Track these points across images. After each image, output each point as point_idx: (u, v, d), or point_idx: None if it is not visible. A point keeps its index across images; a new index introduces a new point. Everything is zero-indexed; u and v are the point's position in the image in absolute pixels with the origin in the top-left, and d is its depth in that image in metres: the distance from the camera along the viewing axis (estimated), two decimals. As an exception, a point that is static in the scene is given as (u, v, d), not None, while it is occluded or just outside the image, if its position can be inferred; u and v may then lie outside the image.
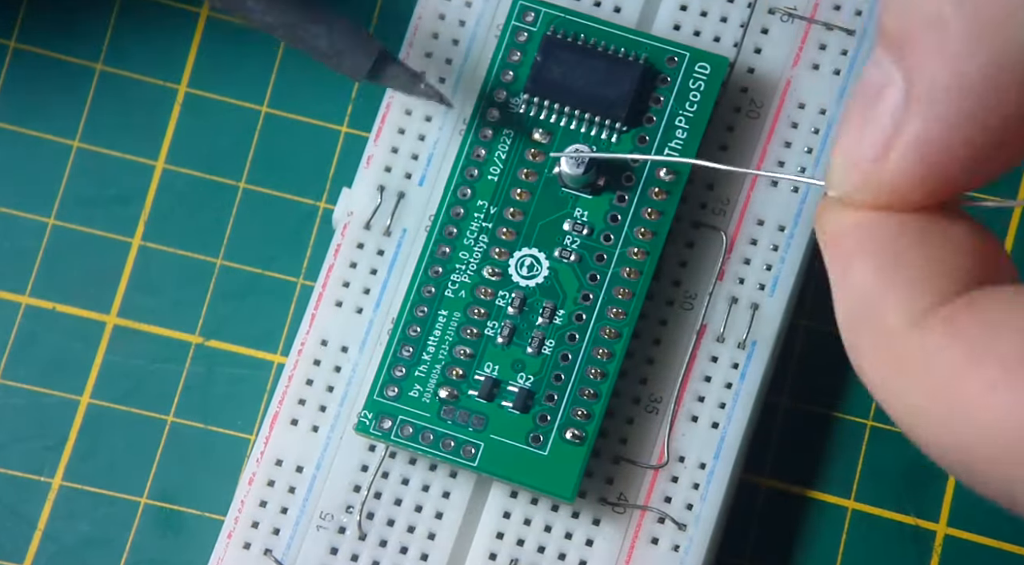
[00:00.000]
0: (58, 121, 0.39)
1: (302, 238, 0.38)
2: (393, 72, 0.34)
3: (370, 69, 0.34)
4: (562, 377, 0.35)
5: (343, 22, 0.34)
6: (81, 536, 0.37)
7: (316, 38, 0.33)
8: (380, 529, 0.35)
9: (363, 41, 0.34)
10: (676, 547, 0.35)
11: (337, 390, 0.36)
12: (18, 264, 0.38)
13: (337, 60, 0.34)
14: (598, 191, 0.36)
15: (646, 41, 0.36)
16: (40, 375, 0.38)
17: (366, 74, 0.34)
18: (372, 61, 0.34)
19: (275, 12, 0.33)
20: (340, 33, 0.34)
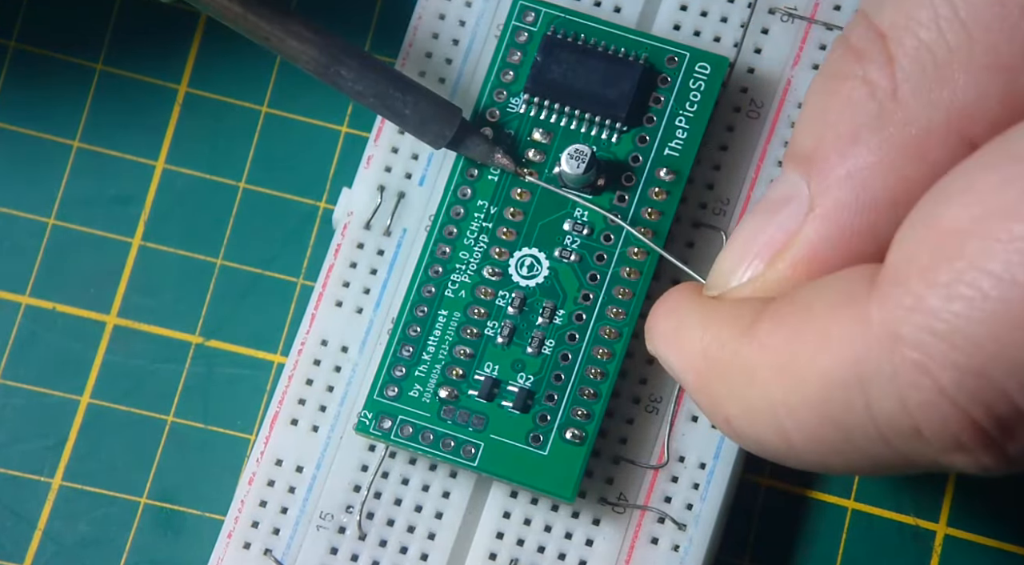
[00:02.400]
0: (58, 121, 0.39)
1: (302, 238, 0.38)
2: (472, 141, 0.35)
3: (452, 138, 0.35)
4: (562, 377, 0.35)
5: (428, 93, 0.35)
6: (81, 536, 0.37)
7: (403, 106, 0.35)
8: (380, 529, 0.35)
9: (446, 111, 0.35)
10: (676, 547, 0.35)
11: (337, 390, 0.36)
12: (18, 264, 0.38)
13: (421, 128, 0.35)
14: (598, 191, 0.36)
15: (646, 41, 0.36)
16: (40, 375, 0.38)
17: (448, 142, 0.35)
18: (454, 131, 0.35)
19: (365, 82, 0.34)
20: (425, 103, 0.35)
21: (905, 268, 0.26)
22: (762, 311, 0.28)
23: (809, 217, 0.29)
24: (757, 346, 0.28)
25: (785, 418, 0.27)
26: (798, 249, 0.29)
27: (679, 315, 0.30)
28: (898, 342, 0.25)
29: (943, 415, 0.25)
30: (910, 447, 0.26)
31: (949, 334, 0.25)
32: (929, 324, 0.25)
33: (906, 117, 0.28)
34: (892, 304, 0.25)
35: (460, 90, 0.37)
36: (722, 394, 0.29)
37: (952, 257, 0.25)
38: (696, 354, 0.29)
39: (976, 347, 0.25)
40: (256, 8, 0.34)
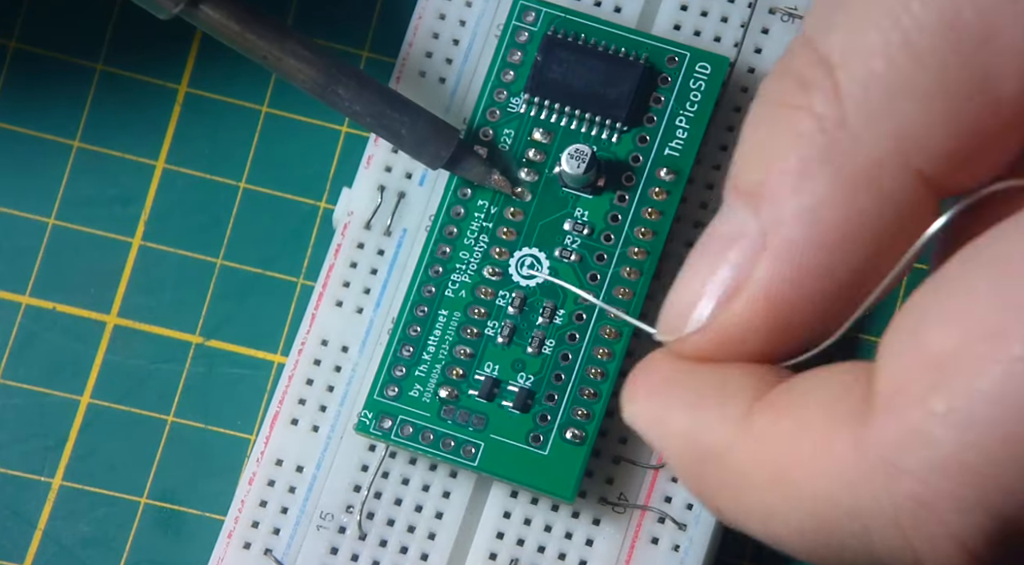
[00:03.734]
0: (58, 121, 0.39)
1: (302, 238, 0.38)
2: (469, 162, 0.35)
3: (448, 159, 0.35)
4: (562, 377, 0.35)
5: (425, 113, 0.35)
6: (81, 536, 0.37)
7: (399, 127, 0.35)
8: (380, 529, 0.35)
9: (443, 132, 0.35)
10: (676, 547, 0.35)
11: (337, 390, 0.36)
12: (18, 264, 0.38)
13: (418, 149, 0.35)
14: (598, 191, 0.36)
15: (646, 41, 0.36)
16: (40, 375, 0.38)
17: (444, 163, 0.35)
18: (451, 152, 0.35)
19: (363, 102, 0.34)
20: (422, 123, 0.35)
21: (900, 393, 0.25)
22: (755, 401, 0.27)
23: (762, 256, 0.27)
24: (752, 445, 0.27)
25: (777, 524, 0.27)
26: (753, 290, 0.27)
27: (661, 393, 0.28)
28: (898, 474, 0.24)
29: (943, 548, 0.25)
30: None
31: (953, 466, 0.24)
32: (931, 456, 0.24)
33: (855, 148, 0.27)
34: (890, 432, 0.24)
35: (460, 90, 0.37)
36: (714, 486, 0.27)
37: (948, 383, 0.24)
38: (682, 440, 0.28)
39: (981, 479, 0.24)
40: (253, 27, 0.34)
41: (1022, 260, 0.24)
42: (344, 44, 0.39)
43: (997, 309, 0.24)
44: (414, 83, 0.37)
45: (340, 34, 0.39)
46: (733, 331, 0.28)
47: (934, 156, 0.27)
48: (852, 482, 0.25)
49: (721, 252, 0.28)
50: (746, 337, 0.28)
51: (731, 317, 0.27)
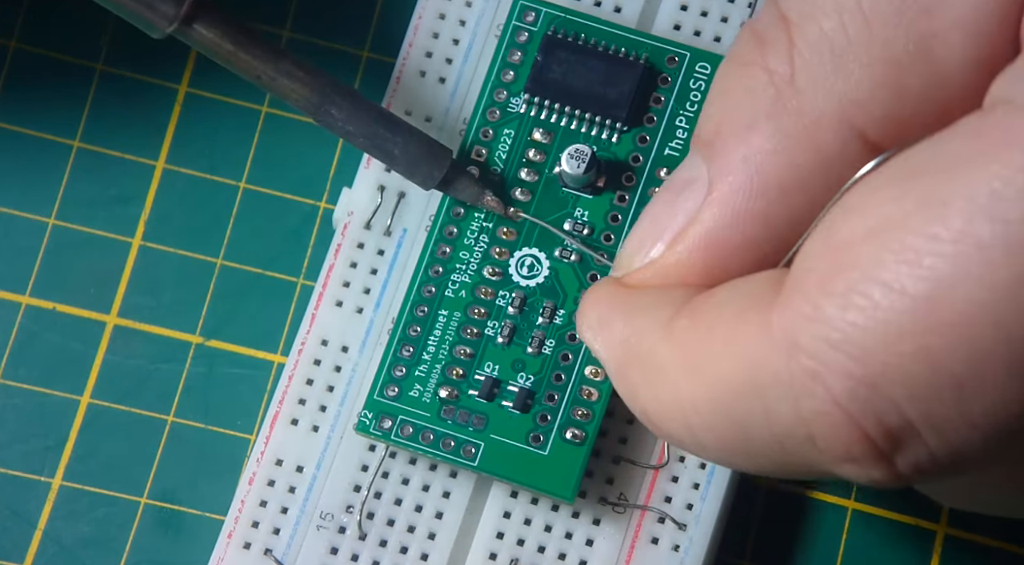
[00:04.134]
0: (58, 121, 0.39)
1: (302, 238, 0.38)
2: (462, 183, 0.35)
3: (441, 179, 0.35)
4: (562, 377, 0.35)
5: (418, 133, 0.35)
6: (81, 536, 0.37)
7: (392, 147, 0.35)
8: (380, 529, 0.35)
9: (436, 152, 0.35)
10: (676, 547, 0.35)
11: (337, 390, 0.36)
12: (18, 264, 0.38)
13: (411, 169, 0.35)
14: (599, 191, 0.36)
15: (646, 41, 0.36)
16: (40, 375, 0.38)
17: (437, 184, 0.35)
18: (444, 172, 0.35)
19: (356, 122, 0.34)
20: (415, 144, 0.35)
21: (805, 277, 0.26)
22: (681, 307, 0.29)
23: (707, 200, 0.29)
24: (671, 343, 0.28)
25: (692, 416, 0.28)
26: (695, 232, 0.29)
27: (606, 305, 0.30)
28: (795, 350, 0.26)
29: (834, 425, 0.26)
30: (805, 454, 0.27)
31: (842, 343, 0.25)
32: (824, 333, 0.25)
33: (801, 105, 0.28)
34: (791, 312, 0.26)
35: (460, 90, 0.37)
36: (638, 386, 0.29)
37: (848, 267, 0.25)
38: (617, 344, 0.30)
39: (868, 356, 0.25)
40: (247, 47, 0.34)
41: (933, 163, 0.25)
42: (344, 44, 0.39)
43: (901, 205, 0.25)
44: (414, 83, 0.37)
45: (340, 34, 0.39)
46: (674, 268, 0.30)
47: (876, 119, 0.28)
48: (756, 361, 0.26)
49: (674, 196, 0.30)
50: (685, 275, 0.30)
51: (674, 255, 0.30)
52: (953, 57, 0.27)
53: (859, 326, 0.25)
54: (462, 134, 0.36)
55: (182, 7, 0.33)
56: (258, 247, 0.38)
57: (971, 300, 0.24)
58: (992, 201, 0.24)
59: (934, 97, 0.28)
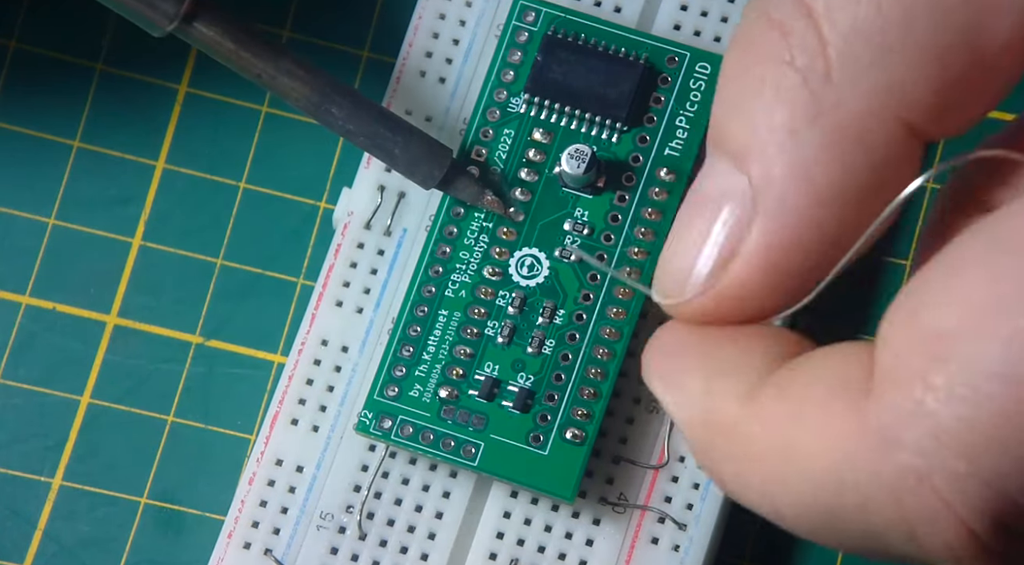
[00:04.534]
0: (58, 121, 0.39)
1: (302, 238, 0.38)
2: (462, 182, 0.35)
3: (441, 179, 0.35)
4: (562, 377, 0.35)
5: (418, 133, 0.35)
6: (81, 536, 0.37)
7: (393, 146, 0.35)
8: (380, 529, 0.35)
9: (436, 152, 0.35)
10: (676, 547, 0.35)
11: (337, 390, 0.36)
12: (18, 264, 0.38)
13: (411, 168, 0.35)
14: (599, 191, 0.36)
15: (646, 41, 0.36)
16: (40, 375, 0.38)
17: (437, 183, 0.35)
18: (444, 171, 0.35)
19: (356, 121, 0.34)
20: (415, 143, 0.35)
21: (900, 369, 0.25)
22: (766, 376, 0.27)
23: (755, 216, 0.27)
24: (757, 420, 0.27)
25: (779, 497, 0.27)
26: (750, 250, 0.27)
27: (680, 359, 0.28)
28: (897, 447, 0.24)
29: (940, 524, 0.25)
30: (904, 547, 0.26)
31: (950, 439, 0.24)
32: (929, 429, 0.24)
33: (841, 102, 0.26)
34: (889, 406, 0.25)
35: (460, 90, 0.37)
36: (720, 457, 0.28)
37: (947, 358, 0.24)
38: (696, 409, 0.28)
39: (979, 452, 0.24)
40: (248, 45, 0.34)
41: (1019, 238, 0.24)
42: (344, 44, 0.39)
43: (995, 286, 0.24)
44: (414, 83, 0.37)
45: (340, 34, 0.39)
46: (733, 292, 0.28)
47: (920, 108, 0.26)
48: (852, 456, 0.25)
49: (712, 212, 0.28)
50: (745, 296, 0.28)
51: (730, 279, 0.28)
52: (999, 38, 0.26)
53: (966, 419, 0.24)
54: (462, 134, 0.36)
55: (183, 5, 0.33)
56: (258, 247, 0.38)
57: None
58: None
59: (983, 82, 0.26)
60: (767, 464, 0.26)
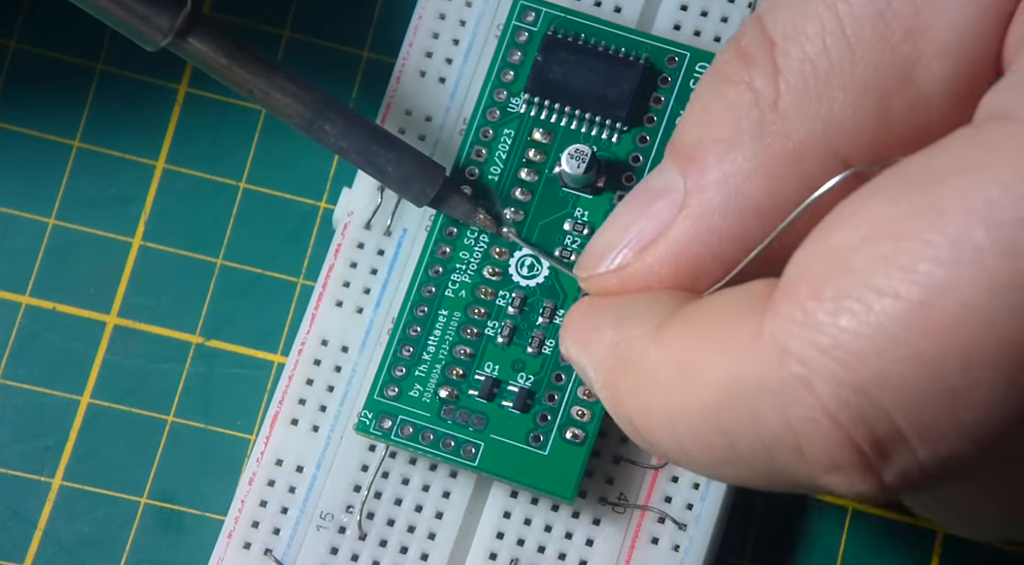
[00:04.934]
0: (58, 121, 0.39)
1: (302, 238, 0.38)
2: (454, 201, 0.35)
3: (434, 197, 0.35)
4: (562, 377, 0.35)
5: (411, 150, 0.35)
6: (81, 536, 0.37)
7: (385, 164, 0.35)
8: (380, 529, 0.35)
9: (429, 169, 0.35)
10: (676, 547, 0.35)
11: (337, 390, 0.36)
12: (18, 264, 0.38)
13: (404, 186, 0.35)
14: (599, 191, 0.36)
15: (646, 41, 0.36)
16: (40, 375, 0.38)
17: (429, 201, 0.35)
18: (436, 189, 0.35)
19: (349, 138, 0.34)
20: (408, 160, 0.35)
21: (796, 283, 0.26)
22: (673, 313, 0.28)
23: (680, 215, 0.29)
24: (661, 349, 0.28)
25: (679, 423, 0.28)
26: (666, 245, 0.29)
27: (594, 315, 0.30)
28: (785, 356, 0.25)
29: (822, 433, 0.25)
30: (792, 465, 0.26)
31: (833, 348, 0.25)
32: (815, 338, 0.25)
33: (785, 129, 0.28)
34: (781, 318, 0.26)
35: (460, 90, 0.37)
36: (625, 392, 0.29)
37: (840, 273, 0.25)
38: (605, 351, 0.29)
39: (859, 362, 0.25)
40: (241, 61, 0.34)
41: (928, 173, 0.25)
42: (344, 44, 0.39)
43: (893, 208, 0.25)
44: (414, 83, 0.37)
45: (340, 34, 0.39)
46: (642, 279, 0.30)
47: (859, 145, 0.28)
48: (745, 369, 0.26)
49: (646, 204, 0.30)
50: (652, 284, 0.29)
51: (642, 266, 0.29)
52: (936, 81, 0.27)
53: (850, 331, 0.25)
54: (462, 134, 0.36)
55: (177, 20, 0.33)
56: (258, 247, 0.38)
57: (966, 304, 0.24)
58: (988, 207, 0.24)
59: (917, 121, 0.28)
60: (669, 389, 0.28)
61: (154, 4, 0.33)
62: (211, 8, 0.39)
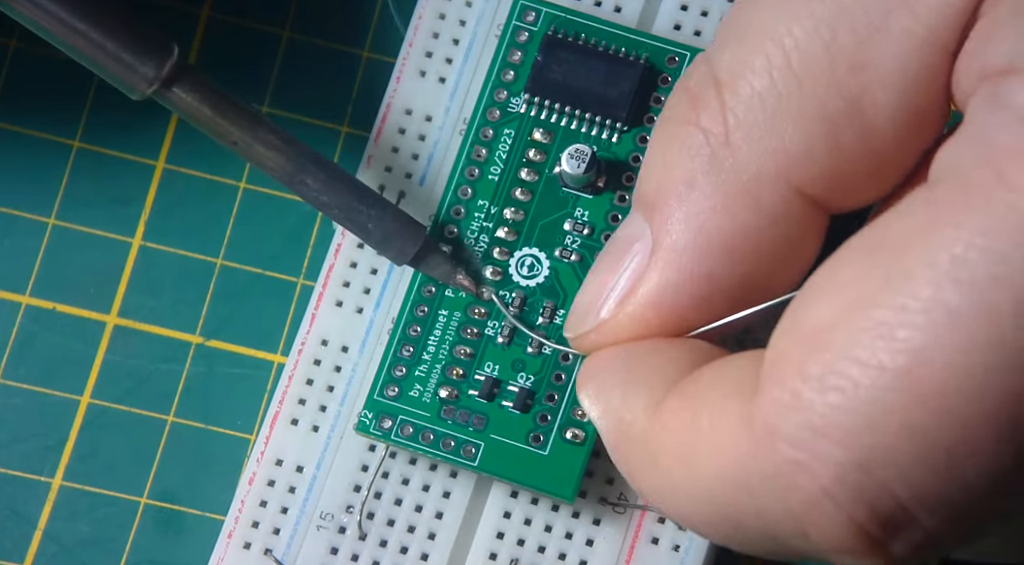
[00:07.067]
0: (58, 121, 0.39)
1: (302, 238, 0.38)
2: (434, 261, 0.35)
3: (413, 255, 0.35)
4: (562, 377, 0.35)
5: (392, 208, 0.35)
6: (81, 536, 0.37)
7: (366, 220, 0.34)
8: (380, 529, 0.35)
9: (410, 228, 0.35)
10: (676, 547, 0.35)
11: (337, 390, 0.36)
12: (18, 264, 0.38)
13: (384, 244, 0.35)
14: (599, 191, 0.36)
15: (647, 41, 0.36)
16: (40, 375, 0.38)
17: (409, 260, 0.35)
18: (416, 248, 0.35)
19: (331, 193, 0.34)
20: (389, 218, 0.35)
21: (779, 364, 0.26)
22: (672, 385, 0.28)
23: (651, 261, 0.29)
24: (662, 428, 0.28)
25: (685, 505, 0.28)
26: (642, 294, 0.30)
27: (604, 375, 0.30)
28: (779, 441, 0.25)
29: (824, 517, 0.25)
30: (799, 546, 0.26)
31: (825, 428, 0.25)
32: (806, 419, 0.25)
33: (737, 164, 0.28)
34: (771, 402, 0.25)
35: (460, 90, 0.37)
36: (634, 467, 0.29)
37: (822, 349, 0.25)
38: (613, 422, 0.30)
39: (853, 439, 0.24)
40: (226, 112, 0.34)
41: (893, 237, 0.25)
42: (344, 44, 0.39)
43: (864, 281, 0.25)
44: (414, 83, 0.37)
45: (340, 34, 0.39)
46: (626, 329, 0.30)
47: (812, 174, 0.28)
48: (740, 456, 0.26)
49: (618, 257, 0.30)
50: (640, 331, 0.30)
51: (623, 318, 0.30)
52: (884, 113, 0.27)
53: (841, 408, 0.24)
54: (462, 133, 0.36)
55: (162, 70, 0.33)
56: (258, 247, 0.38)
57: (950, 366, 0.24)
58: (955, 266, 0.24)
59: (867, 151, 0.28)
60: (672, 470, 0.28)
61: (139, 53, 0.33)
62: (211, 8, 0.39)
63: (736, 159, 0.28)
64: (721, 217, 0.29)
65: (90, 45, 0.33)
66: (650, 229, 0.29)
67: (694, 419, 0.27)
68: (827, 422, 0.25)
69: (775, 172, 0.28)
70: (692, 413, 0.27)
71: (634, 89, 0.36)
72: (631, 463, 0.29)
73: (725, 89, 0.29)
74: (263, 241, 0.38)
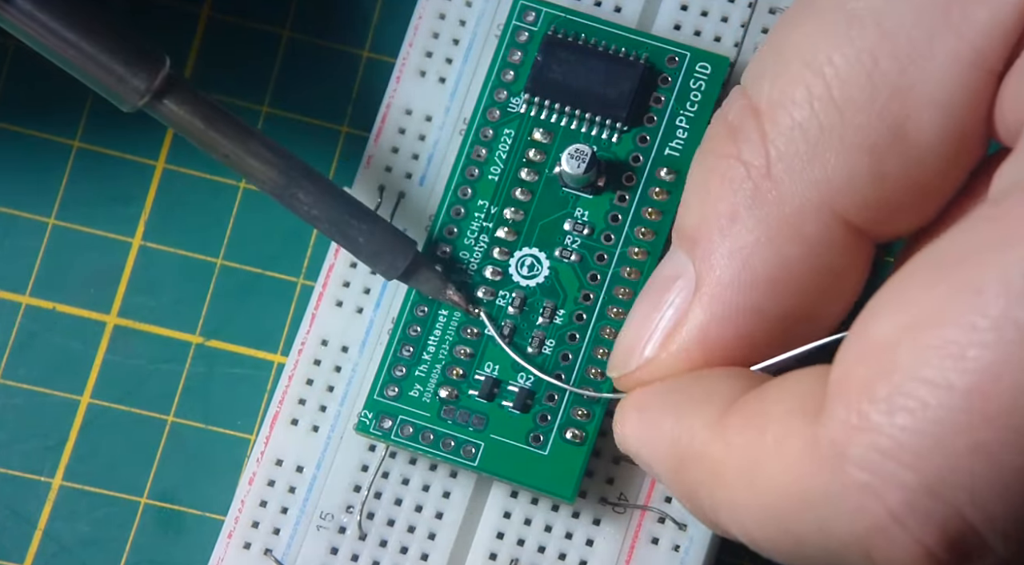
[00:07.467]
0: (58, 121, 0.39)
1: (302, 238, 0.38)
2: (424, 276, 0.35)
3: (404, 270, 0.35)
4: (562, 377, 0.35)
5: (383, 223, 0.35)
6: (81, 536, 0.37)
7: (357, 235, 0.34)
8: (380, 529, 0.35)
9: (400, 243, 0.35)
10: (676, 547, 0.35)
11: (337, 390, 0.36)
12: (18, 264, 0.38)
13: (374, 258, 0.35)
14: (599, 191, 0.36)
15: (647, 41, 0.36)
16: (40, 375, 0.38)
17: (400, 274, 0.35)
18: (407, 263, 0.35)
19: (321, 207, 0.34)
20: (379, 233, 0.34)
21: (846, 385, 0.25)
22: (732, 404, 0.28)
23: (696, 297, 0.29)
24: (724, 444, 0.28)
25: (748, 521, 0.27)
26: (688, 330, 0.29)
27: (652, 404, 0.30)
28: (846, 463, 0.25)
29: (892, 541, 0.25)
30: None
31: (894, 450, 0.24)
32: (874, 441, 0.24)
33: (780, 196, 0.28)
34: (838, 423, 0.25)
35: (460, 90, 0.37)
36: (697, 486, 0.28)
37: (889, 369, 0.24)
38: (667, 445, 0.29)
39: (922, 461, 0.24)
40: (217, 125, 0.34)
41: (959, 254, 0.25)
42: (344, 44, 0.39)
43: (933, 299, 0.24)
44: (414, 83, 0.37)
45: (340, 34, 0.39)
46: (671, 367, 0.30)
47: (859, 205, 0.28)
48: (805, 475, 0.26)
49: (661, 293, 0.30)
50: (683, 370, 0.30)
51: (669, 356, 0.30)
52: (927, 138, 0.27)
53: (910, 429, 0.24)
54: (462, 133, 0.36)
55: (154, 82, 0.33)
56: (258, 247, 0.38)
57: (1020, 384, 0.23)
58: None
59: (911, 177, 0.27)
60: (733, 487, 0.27)
61: (131, 65, 0.33)
62: (211, 8, 0.39)
63: (779, 191, 0.28)
64: (765, 250, 0.28)
65: (81, 57, 0.33)
66: (692, 265, 0.29)
67: (759, 436, 0.27)
68: (895, 444, 0.24)
69: (818, 203, 0.28)
70: (757, 430, 0.27)
71: (634, 89, 0.36)
72: (692, 482, 0.28)
73: (765, 120, 0.28)
74: (263, 241, 0.38)
